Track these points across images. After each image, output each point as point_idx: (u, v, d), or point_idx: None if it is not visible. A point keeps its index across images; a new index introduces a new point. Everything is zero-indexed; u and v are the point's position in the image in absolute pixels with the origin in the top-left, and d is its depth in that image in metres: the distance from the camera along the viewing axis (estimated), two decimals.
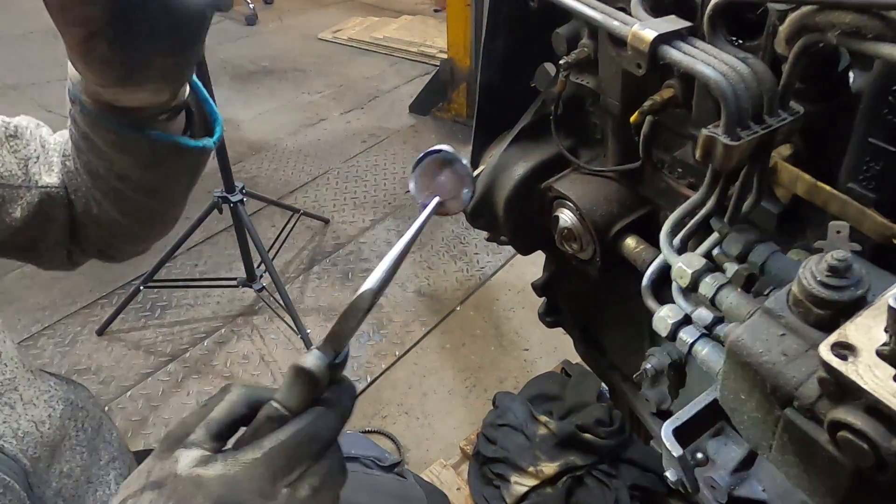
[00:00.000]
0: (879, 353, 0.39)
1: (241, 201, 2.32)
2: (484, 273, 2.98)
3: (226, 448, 0.49)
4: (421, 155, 0.60)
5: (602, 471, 1.78)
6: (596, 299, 1.21)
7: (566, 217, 1.02)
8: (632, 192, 1.00)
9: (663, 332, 0.59)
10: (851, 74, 0.59)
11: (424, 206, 0.59)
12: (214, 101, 0.84)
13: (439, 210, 0.60)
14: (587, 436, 1.79)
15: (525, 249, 1.21)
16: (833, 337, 0.42)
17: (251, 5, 5.46)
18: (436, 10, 5.51)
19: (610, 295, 1.16)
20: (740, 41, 0.67)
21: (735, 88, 0.50)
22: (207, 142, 0.76)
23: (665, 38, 0.54)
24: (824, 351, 0.42)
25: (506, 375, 2.57)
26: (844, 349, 0.42)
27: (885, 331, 0.39)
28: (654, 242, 1.00)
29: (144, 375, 2.44)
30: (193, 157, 0.77)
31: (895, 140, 0.57)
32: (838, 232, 0.47)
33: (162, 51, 0.57)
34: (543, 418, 1.87)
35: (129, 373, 2.45)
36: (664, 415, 1.10)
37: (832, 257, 0.44)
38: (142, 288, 2.51)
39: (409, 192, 3.77)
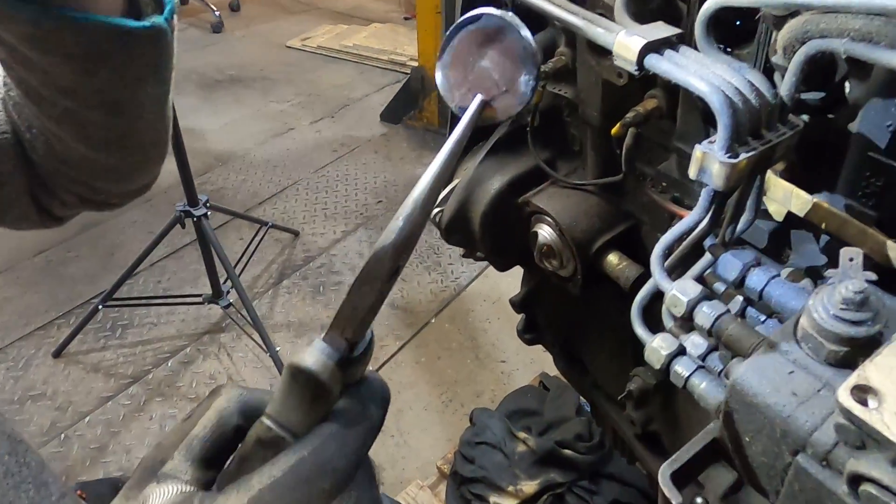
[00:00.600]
0: None
1: (205, 215, 2.23)
2: (459, 284, 2.93)
3: (216, 472, 0.38)
4: (453, 26, 0.42)
5: (583, 487, 1.74)
6: (577, 316, 1.17)
7: (545, 233, 0.97)
8: (613, 206, 0.96)
9: (656, 365, 0.54)
10: (847, 84, 0.55)
11: (462, 111, 0.42)
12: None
13: (486, 113, 0.42)
14: (567, 452, 1.74)
15: (503, 266, 1.16)
16: (852, 379, 0.38)
17: (217, 13, 5.34)
18: (406, 18, 5.47)
19: (591, 311, 1.12)
20: (728, 49, 0.63)
21: (732, 103, 0.46)
22: (156, 19, 0.58)
23: (654, 47, 0.49)
24: (843, 395, 0.37)
25: (483, 389, 2.52)
26: (866, 393, 0.37)
27: None
28: (637, 258, 0.96)
29: (104, 399, 2.32)
30: (146, 47, 0.60)
31: None
32: (851, 259, 0.42)
33: None
34: (522, 435, 1.82)
35: (87, 397, 2.33)
36: (650, 436, 1.06)
37: (847, 289, 0.40)
38: (101, 307, 2.39)
39: (381, 202, 3.67)
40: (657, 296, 0.59)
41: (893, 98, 0.51)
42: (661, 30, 0.51)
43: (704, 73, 0.47)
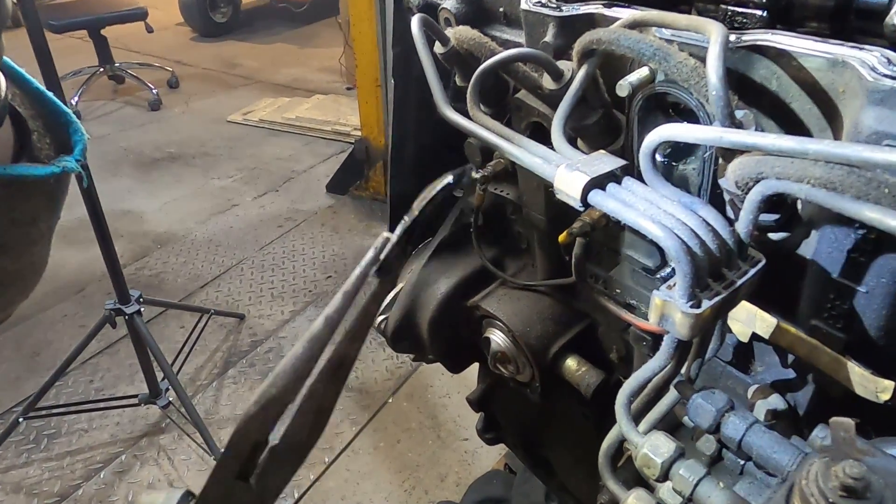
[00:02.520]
0: None
1: (139, 312, 2.08)
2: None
3: None
4: None
5: None
6: (539, 417, 1.10)
7: (498, 339, 0.91)
8: (567, 306, 0.91)
9: None
10: (800, 203, 0.52)
11: None
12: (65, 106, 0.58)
13: None
14: None
15: (457, 368, 1.09)
16: None
17: (154, 90, 5.27)
18: (348, 89, 5.52)
19: (554, 414, 1.05)
20: (673, 163, 0.60)
21: (688, 249, 0.41)
22: (66, 162, 0.54)
23: (598, 183, 0.45)
24: None
25: (447, 472, 2.39)
26: None
27: None
28: (596, 359, 0.91)
29: None
30: (45, 189, 0.55)
31: (862, 278, 0.49)
32: (843, 431, 0.37)
33: None
34: None
35: None
36: None
37: (845, 473, 0.34)
38: (21, 420, 2.17)
39: (331, 276, 3.55)
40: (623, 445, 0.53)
41: (856, 225, 0.47)
42: (603, 162, 0.47)
43: (655, 213, 0.43)
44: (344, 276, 3.35)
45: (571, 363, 0.88)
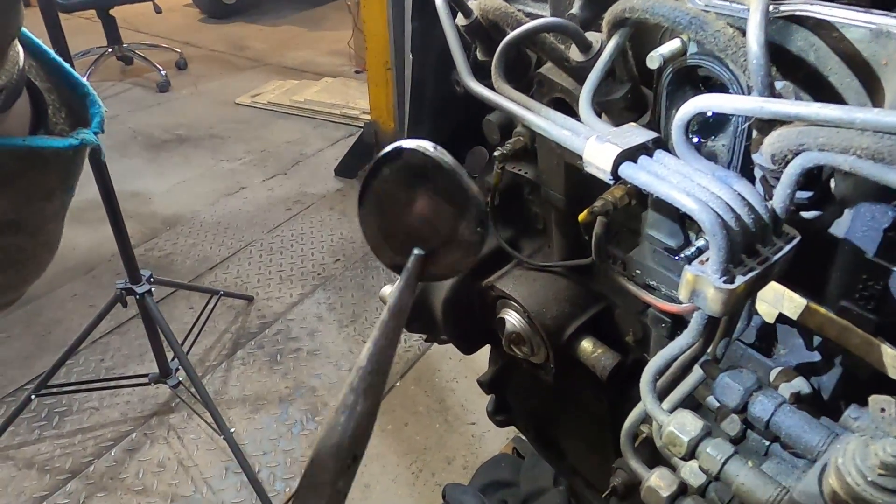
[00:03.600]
0: None
1: (149, 291, 2.09)
2: (423, 343, 2.83)
3: None
4: (372, 163, 0.33)
5: None
6: (551, 400, 1.10)
7: (513, 320, 0.90)
8: (583, 287, 0.91)
9: None
10: (833, 181, 0.51)
11: (398, 269, 0.33)
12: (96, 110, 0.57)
13: (429, 270, 0.34)
14: None
15: (469, 349, 1.09)
16: None
17: (163, 72, 5.25)
18: (357, 72, 5.48)
19: (567, 397, 1.04)
20: (701, 140, 0.59)
21: (724, 222, 0.40)
22: (85, 135, 0.53)
23: (629, 155, 0.44)
24: None
25: (454, 455, 2.40)
26: None
27: None
28: (612, 341, 0.90)
29: (38, 500, 2.10)
30: (62, 163, 0.54)
31: None
32: (882, 410, 0.36)
33: None
34: None
35: (18, 498, 2.10)
36: None
37: (886, 451, 0.33)
38: (33, 397, 2.19)
39: (339, 260, 3.58)
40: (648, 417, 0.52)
41: (886, 199, 0.46)
42: (634, 134, 0.45)
43: (689, 186, 0.42)
44: (352, 259, 3.34)
45: (587, 345, 0.87)
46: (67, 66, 0.55)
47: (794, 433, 0.45)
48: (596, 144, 0.44)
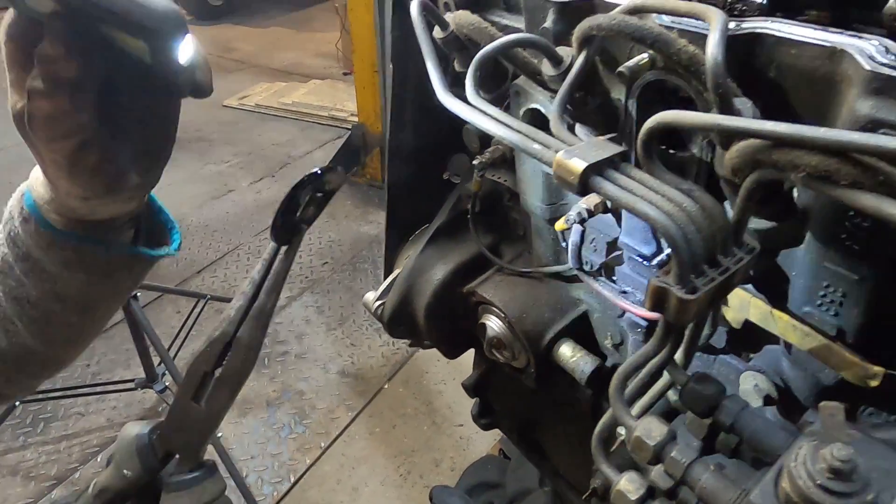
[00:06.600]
0: None
1: (135, 296, 2.08)
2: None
3: None
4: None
5: None
6: (534, 403, 1.11)
7: (494, 325, 0.92)
8: (563, 292, 0.92)
9: None
10: (795, 191, 0.53)
11: None
12: None
13: None
14: None
15: (453, 354, 1.10)
16: None
17: None
18: (345, 74, 5.48)
19: (549, 400, 1.06)
20: (671, 150, 0.60)
21: (685, 231, 0.42)
22: (169, 250, 0.71)
23: (596, 169, 0.45)
24: None
25: (441, 457, 2.42)
26: None
27: None
28: (591, 345, 0.91)
29: None
30: (144, 268, 0.70)
31: (857, 267, 0.50)
32: (832, 415, 0.38)
33: (145, 151, 0.56)
34: None
35: None
36: None
37: (833, 456, 0.35)
38: (18, 403, 2.18)
39: (327, 263, 3.55)
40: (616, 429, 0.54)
41: (849, 211, 0.48)
42: (602, 148, 0.47)
43: (653, 197, 0.43)
44: (340, 262, 3.35)
45: (566, 350, 0.89)
46: (154, 196, 0.71)
47: (756, 437, 0.46)
48: (564, 159, 0.46)
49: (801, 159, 0.37)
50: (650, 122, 0.45)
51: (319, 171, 0.60)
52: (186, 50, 0.47)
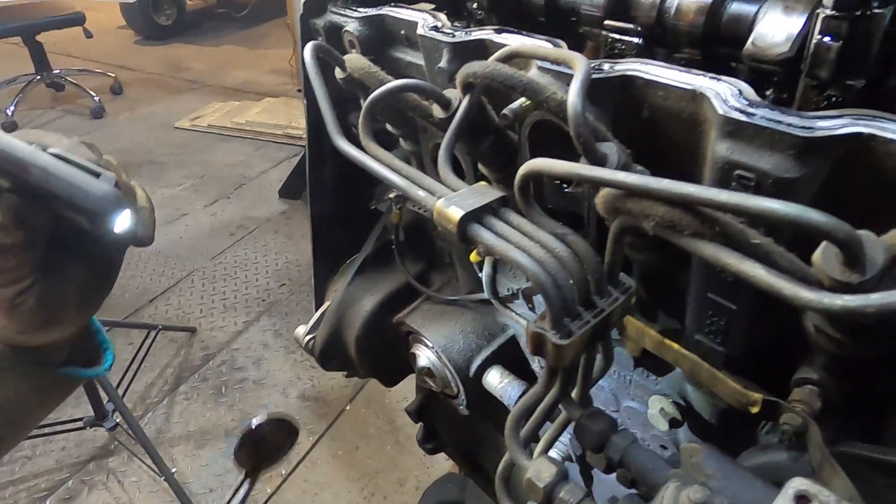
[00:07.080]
0: None
1: None
2: None
3: None
4: None
5: None
6: (474, 427, 1.11)
7: (423, 355, 0.92)
8: (490, 318, 0.93)
9: None
10: None
11: None
12: None
13: None
14: None
15: (390, 382, 1.10)
16: None
17: (96, 97, 5.10)
18: (299, 91, 5.44)
19: (487, 423, 1.06)
20: (564, 186, 0.61)
21: (556, 278, 0.42)
22: (99, 370, 0.72)
23: (474, 216, 0.46)
24: None
25: (406, 476, 2.40)
26: None
27: None
28: (519, 370, 0.92)
29: None
30: (74, 385, 0.71)
31: (733, 297, 0.52)
32: (691, 457, 0.39)
33: (87, 289, 0.59)
34: None
35: None
36: None
37: (689, 499, 0.36)
38: None
39: (284, 284, 3.48)
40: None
41: None
42: (482, 194, 0.47)
43: (526, 244, 0.44)
44: (298, 283, 3.31)
45: (494, 376, 0.89)
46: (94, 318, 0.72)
47: (641, 473, 0.47)
48: (443, 207, 0.46)
49: (651, 209, 0.38)
50: (523, 170, 0.46)
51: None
52: (123, 222, 0.54)
